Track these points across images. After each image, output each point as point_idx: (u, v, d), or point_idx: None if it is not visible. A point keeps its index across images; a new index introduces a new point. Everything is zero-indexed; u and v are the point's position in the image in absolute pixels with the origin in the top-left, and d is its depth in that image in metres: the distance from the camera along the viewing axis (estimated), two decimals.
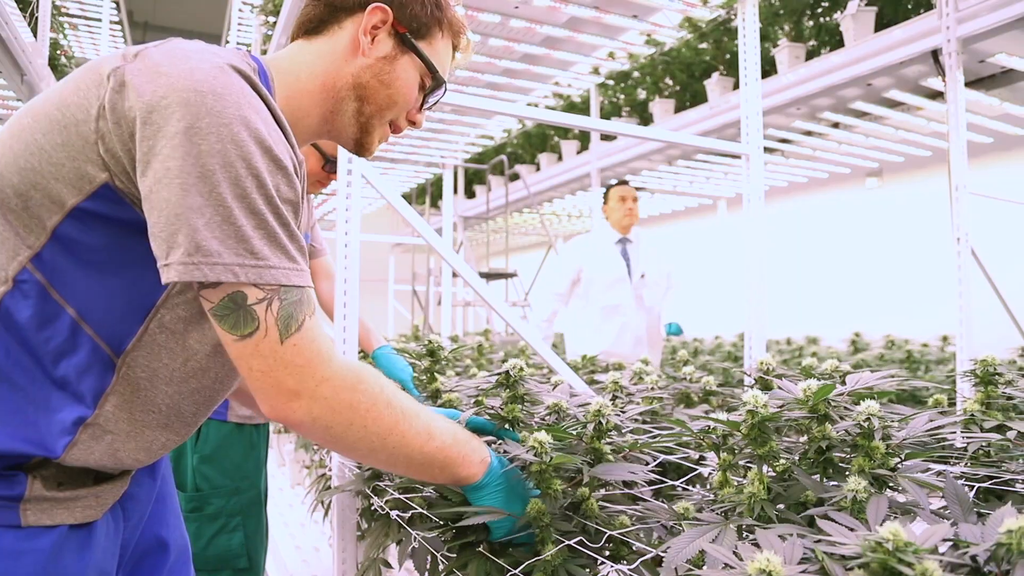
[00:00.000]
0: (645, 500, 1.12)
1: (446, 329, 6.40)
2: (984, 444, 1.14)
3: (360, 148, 1.04)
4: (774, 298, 2.96)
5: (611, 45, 4.74)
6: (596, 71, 5.44)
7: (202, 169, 0.75)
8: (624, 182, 4.10)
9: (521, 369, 1.16)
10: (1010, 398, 1.35)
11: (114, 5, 6.55)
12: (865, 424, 0.90)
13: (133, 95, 0.77)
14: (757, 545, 0.74)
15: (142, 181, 0.77)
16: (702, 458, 1.29)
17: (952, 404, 1.88)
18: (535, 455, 0.96)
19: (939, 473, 0.97)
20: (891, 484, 0.92)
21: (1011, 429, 1.16)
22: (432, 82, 1.05)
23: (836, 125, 4.97)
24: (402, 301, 9.69)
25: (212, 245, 0.75)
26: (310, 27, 1.02)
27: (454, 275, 6.74)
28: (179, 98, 0.76)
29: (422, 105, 1.07)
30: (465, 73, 4.99)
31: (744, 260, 2.39)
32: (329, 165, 1.95)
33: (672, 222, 9.44)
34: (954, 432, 1.23)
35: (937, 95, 4.12)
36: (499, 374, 1.16)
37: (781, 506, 0.96)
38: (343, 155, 1.74)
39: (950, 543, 0.68)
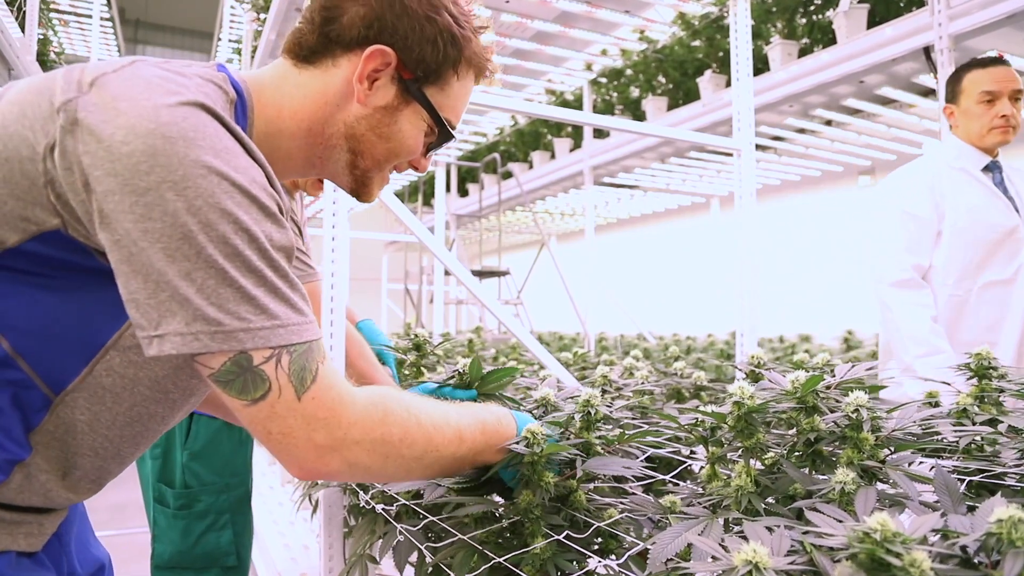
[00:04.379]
0: (633, 494, 1.11)
1: (438, 327, 6.40)
2: (976, 438, 1.13)
3: (359, 196, 0.96)
4: (767, 296, 2.96)
5: (603, 41, 4.74)
6: (589, 67, 5.44)
7: (184, 230, 0.67)
8: (998, 60, 2.26)
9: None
10: (1002, 391, 1.34)
11: (105, 1, 6.50)
12: (854, 415, 0.89)
13: (88, 137, 0.68)
14: (745, 538, 0.73)
15: (106, 235, 0.69)
16: (692, 453, 1.28)
17: None
18: (527, 446, 0.94)
19: (931, 468, 0.96)
20: (880, 477, 0.91)
21: (1002, 422, 1.15)
22: (440, 134, 0.93)
23: (829, 123, 4.98)
24: (395, 300, 9.68)
25: (210, 312, 0.69)
26: (301, 54, 0.89)
27: (446, 273, 6.74)
28: (144, 145, 0.67)
29: (428, 150, 0.96)
30: None
31: (737, 256, 2.38)
32: None
33: (665, 220, 9.45)
34: (946, 427, 1.22)
35: (929, 92, 4.12)
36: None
37: (770, 499, 0.95)
38: None
39: (939, 534, 0.67)
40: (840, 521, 0.72)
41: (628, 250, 10.24)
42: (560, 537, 0.94)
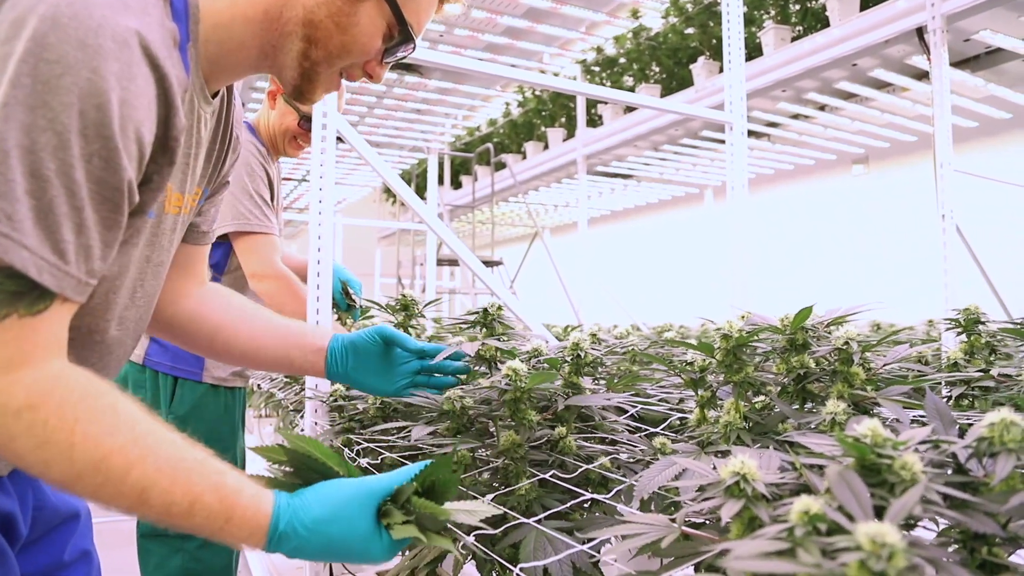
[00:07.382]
0: (622, 442, 1.10)
1: (431, 315, 6.37)
2: (967, 388, 1.13)
3: (299, 95, 0.90)
4: (761, 286, 2.95)
5: (596, 19, 4.71)
6: (584, 52, 5.43)
7: (3, 99, 0.62)
8: None
9: (499, 308, 1.13)
10: (994, 349, 1.33)
11: None
12: (844, 347, 0.87)
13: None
14: None
15: None
16: (683, 416, 1.27)
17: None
18: (508, 383, 0.93)
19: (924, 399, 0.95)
20: (871, 412, 0.90)
21: (992, 368, 1.14)
22: (399, 35, 0.89)
23: (822, 108, 4.98)
24: (388, 293, 9.68)
25: None
26: None
27: (439, 263, 6.72)
28: (15, 17, 0.64)
29: (384, 57, 0.91)
30: (449, 48, 4.96)
31: (729, 240, 2.37)
32: (305, 122, 1.89)
33: (658, 212, 9.45)
34: (938, 383, 1.22)
35: (922, 75, 4.12)
36: (476, 312, 1.13)
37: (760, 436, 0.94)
38: (317, 116, 1.69)
39: (930, 445, 0.66)
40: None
41: (622, 242, 10.24)
42: (547, 476, 0.93)
